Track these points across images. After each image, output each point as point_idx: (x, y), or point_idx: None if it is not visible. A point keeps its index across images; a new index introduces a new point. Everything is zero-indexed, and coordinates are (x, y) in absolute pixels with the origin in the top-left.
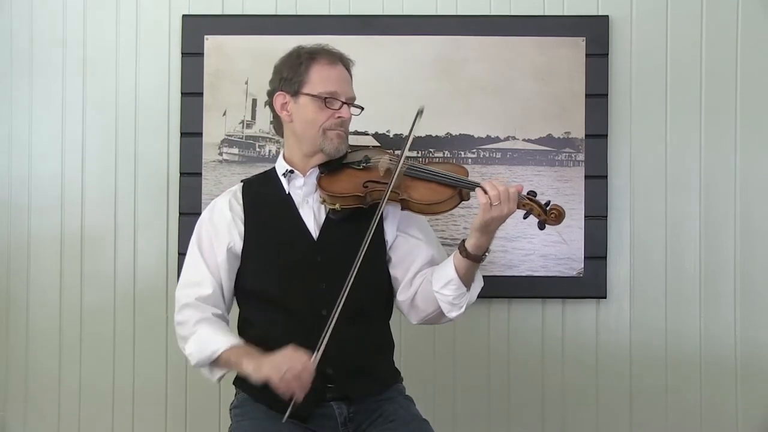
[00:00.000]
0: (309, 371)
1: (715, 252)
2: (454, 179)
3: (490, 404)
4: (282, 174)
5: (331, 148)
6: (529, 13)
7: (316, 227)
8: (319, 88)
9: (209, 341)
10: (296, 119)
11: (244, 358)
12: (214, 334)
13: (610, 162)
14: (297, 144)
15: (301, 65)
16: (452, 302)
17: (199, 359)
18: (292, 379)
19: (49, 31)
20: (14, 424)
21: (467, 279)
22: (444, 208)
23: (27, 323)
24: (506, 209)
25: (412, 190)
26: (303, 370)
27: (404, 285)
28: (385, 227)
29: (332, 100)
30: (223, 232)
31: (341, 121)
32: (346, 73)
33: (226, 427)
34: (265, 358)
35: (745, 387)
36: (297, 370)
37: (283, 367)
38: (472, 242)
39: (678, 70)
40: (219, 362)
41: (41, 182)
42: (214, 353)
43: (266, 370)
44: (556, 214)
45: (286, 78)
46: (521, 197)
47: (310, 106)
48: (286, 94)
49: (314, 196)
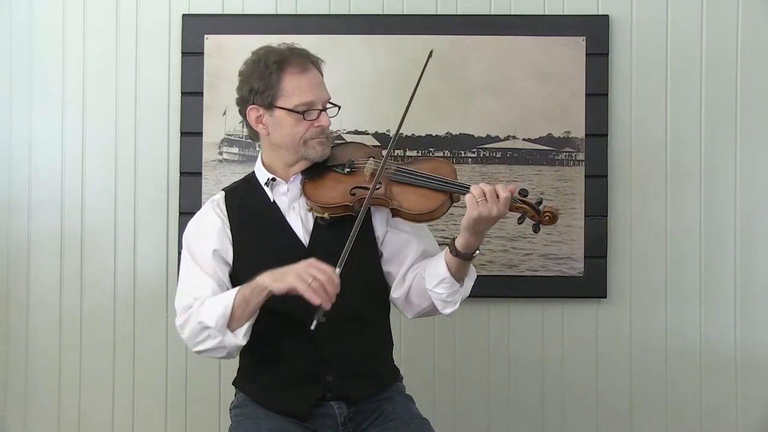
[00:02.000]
0: (334, 282)
1: (715, 252)
2: (443, 183)
3: (490, 403)
4: (264, 183)
5: (314, 156)
6: (529, 12)
7: (305, 233)
8: (294, 100)
9: (217, 301)
10: (274, 132)
11: (258, 279)
12: (218, 296)
13: (610, 162)
14: (276, 153)
15: (272, 75)
16: (446, 300)
17: (217, 320)
18: (318, 288)
19: (49, 31)
20: (14, 424)
21: (460, 276)
22: (436, 216)
23: (27, 323)
24: (495, 210)
25: (401, 198)
26: (328, 280)
27: (398, 281)
28: (374, 224)
29: (309, 111)
30: (213, 239)
31: (321, 129)
32: (318, 76)
33: (226, 427)
34: (283, 269)
35: (745, 387)
36: (322, 279)
37: (307, 276)
38: (462, 241)
39: (678, 69)
40: (235, 312)
41: (41, 182)
42: (227, 303)
43: (290, 279)
44: (549, 216)
45: (257, 90)
46: (513, 199)
47: (287, 119)
48: (259, 108)
49: (300, 202)
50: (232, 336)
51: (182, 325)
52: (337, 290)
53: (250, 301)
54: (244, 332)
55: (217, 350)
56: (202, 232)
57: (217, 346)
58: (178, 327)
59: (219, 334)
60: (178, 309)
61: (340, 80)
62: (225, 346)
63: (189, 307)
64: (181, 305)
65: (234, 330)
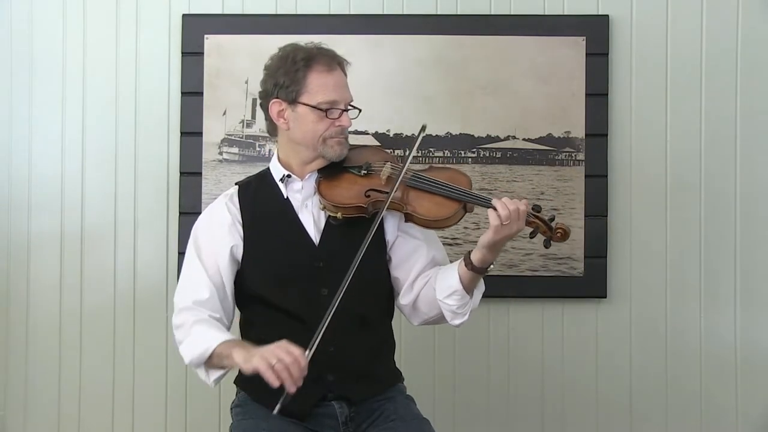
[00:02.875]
0: (300, 364)
1: (715, 252)
2: (458, 192)
3: (491, 403)
4: (279, 179)
5: (332, 155)
6: (529, 12)
7: (316, 232)
8: (318, 97)
9: (202, 339)
10: (294, 128)
11: (234, 350)
12: (208, 331)
13: (610, 161)
14: (294, 150)
15: (298, 72)
16: (456, 311)
17: (192, 358)
18: (281, 369)
19: (49, 30)
20: (14, 424)
21: (470, 288)
22: (449, 224)
23: (27, 323)
24: (515, 228)
25: (416, 204)
26: (293, 362)
27: (406, 288)
28: (385, 227)
29: (332, 110)
30: (223, 236)
31: (341, 129)
32: (343, 77)
33: (227, 426)
34: (256, 349)
35: (745, 386)
36: (287, 361)
37: (272, 358)
38: (479, 257)
39: (678, 69)
40: (212, 360)
41: (41, 182)
42: (206, 350)
43: (255, 360)
44: (561, 233)
45: (281, 85)
46: (528, 215)
47: (310, 116)
48: (282, 102)
49: (313, 200)
50: (204, 373)
51: (177, 327)
52: (304, 373)
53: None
54: (214, 378)
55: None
56: (213, 228)
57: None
58: (173, 325)
59: (192, 365)
60: (176, 307)
61: None
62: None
63: (186, 310)
64: (178, 305)
65: (208, 371)
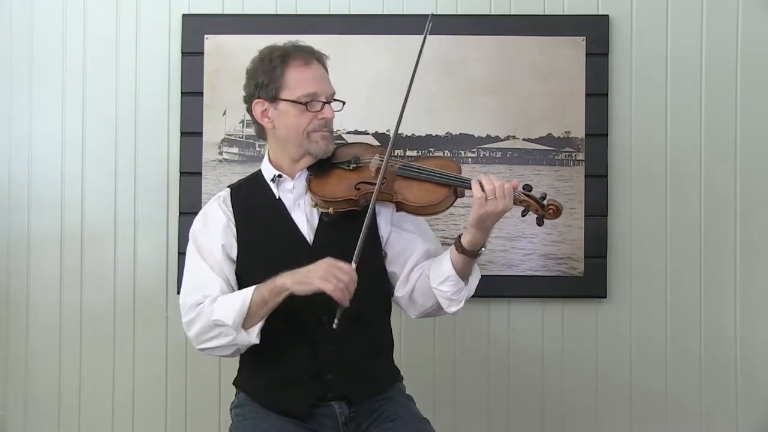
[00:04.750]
0: (354, 281)
1: (715, 251)
2: (448, 177)
3: (490, 403)
4: (270, 179)
5: (317, 150)
6: (529, 12)
7: (310, 231)
8: (297, 92)
9: (232, 297)
10: (278, 125)
11: (276, 281)
12: (234, 293)
13: (610, 162)
14: (282, 149)
15: (275, 69)
16: (451, 298)
17: (234, 316)
18: (343, 288)
19: (49, 30)
20: (14, 424)
21: (464, 274)
22: (440, 209)
23: (27, 323)
24: (501, 205)
25: (406, 192)
26: (351, 282)
27: (401, 281)
28: (379, 223)
29: (313, 102)
30: (220, 235)
31: (325, 122)
32: (322, 70)
33: (226, 427)
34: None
35: (745, 387)
36: (346, 280)
37: (332, 278)
38: (468, 238)
39: (678, 69)
40: (251, 311)
41: (41, 182)
42: (245, 300)
43: (316, 281)
44: (553, 210)
45: (261, 84)
46: (517, 193)
47: (291, 111)
48: (264, 101)
49: (305, 199)
50: (245, 334)
51: (190, 322)
52: (355, 286)
53: (267, 302)
54: (257, 332)
55: (225, 348)
56: (209, 227)
57: (228, 344)
58: (185, 324)
59: (233, 331)
60: (185, 306)
61: (340, 80)
62: (237, 343)
63: (198, 304)
64: (188, 303)
65: (248, 328)
